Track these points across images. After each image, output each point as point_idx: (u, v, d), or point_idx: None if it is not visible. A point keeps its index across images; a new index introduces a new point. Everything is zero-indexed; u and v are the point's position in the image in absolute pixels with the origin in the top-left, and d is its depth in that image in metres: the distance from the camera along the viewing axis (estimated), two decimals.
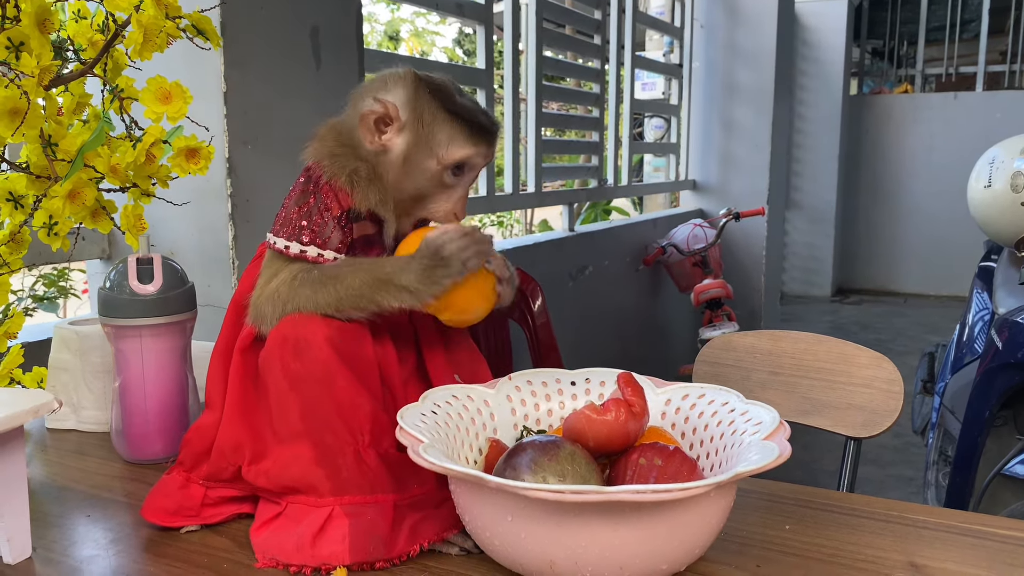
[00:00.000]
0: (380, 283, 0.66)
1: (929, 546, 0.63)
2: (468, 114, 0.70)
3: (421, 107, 0.70)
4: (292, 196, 0.71)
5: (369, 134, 0.69)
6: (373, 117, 0.69)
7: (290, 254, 0.68)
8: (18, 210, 0.86)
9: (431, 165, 0.70)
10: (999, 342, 1.61)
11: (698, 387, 0.71)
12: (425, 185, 0.71)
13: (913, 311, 5.73)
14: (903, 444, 3.14)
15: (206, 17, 0.85)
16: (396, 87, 0.70)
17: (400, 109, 0.69)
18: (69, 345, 0.94)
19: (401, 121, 0.69)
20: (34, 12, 0.76)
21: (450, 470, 0.54)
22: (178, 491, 0.69)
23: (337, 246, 0.69)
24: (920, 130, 6.09)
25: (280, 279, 0.68)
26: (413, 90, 0.70)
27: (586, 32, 3.25)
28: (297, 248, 0.68)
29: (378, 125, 0.69)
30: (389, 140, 0.70)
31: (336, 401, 0.65)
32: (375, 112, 0.69)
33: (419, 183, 0.71)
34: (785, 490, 0.74)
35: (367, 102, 0.69)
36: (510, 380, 0.74)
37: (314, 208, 0.69)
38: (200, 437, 0.71)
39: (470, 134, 0.70)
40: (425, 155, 0.70)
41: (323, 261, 0.69)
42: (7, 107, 0.75)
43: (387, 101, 0.69)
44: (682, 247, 3.39)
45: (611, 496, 0.49)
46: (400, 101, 0.69)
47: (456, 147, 0.70)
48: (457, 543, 0.64)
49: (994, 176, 2.09)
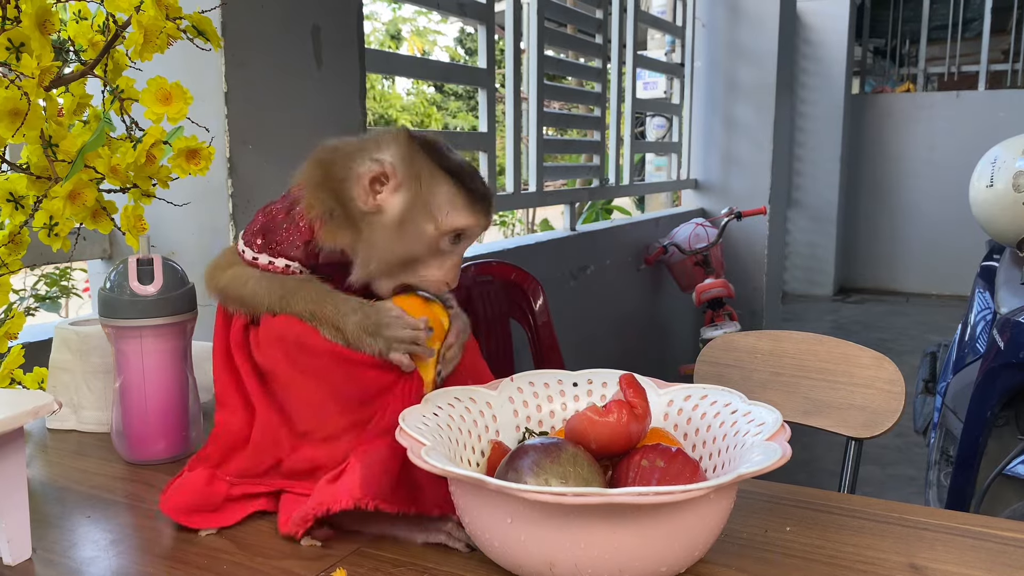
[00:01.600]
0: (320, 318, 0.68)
1: (930, 547, 0.63)
2: (463, 175, 0.69)
3: (419, 167, 0.68)
4: (271, 205, 0.72)
5: (364, 194, 0.67)
6: (369, 176, 0.67)
7: (246, 259, 0.72)
8: (18, 211, 0.86)
9: (428, 230, 0.68)
10: (1001, 342, 1.61)
11: (700, 388, 0.71)
12: (419, 250, 0.69)
13: (915, 310, 5.72)
14: (905, 444, 3.14)
15: (206, 18, 0.85)
16: (390, 145, 0.68)
17: (396, 167, 0.67)
18: (70, 345, 0.94)
19: (397, 180, 0.67)
20: (35, 13, 0.76)
21: (450, 472, 0.54)
22: (203, 488, 0.69)
23: (295, 259, 0.71)
24: (922, 129, 6.08)
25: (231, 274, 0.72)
26: (407, 148, 0.68)
27: (588, 31, 3.24)
28: (250, 255, 0.72)
29: (373, 185, 0.67)
30: (384, 200, 0.67)
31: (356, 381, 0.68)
32: (371, 172, 0.67)
33: (413, 248, 0.68)
34: (786, 491, 0.74)
35: (363, 163, 0.67)
36: (512, 381, 0.74)
37: (283, 223, 0.71)
38: (229, 433, 0.71)
39: (471, 201, 0.68)
40: (423, 218, 0.68)
41: (274, 270, 0.71)
42: (8, 108, 0.75)
43: (384, 160, 0.67)
44: (684, 246, 3.39)
45: (613, 499, 0.49)
46: (396, 159, 0.67)
47: (456, 214, 0.68)
48: (462, 539, 0.64)
49: (996, 176, 2.08)
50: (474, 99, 9.14)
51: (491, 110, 2.49)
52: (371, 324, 0.67)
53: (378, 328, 0.67)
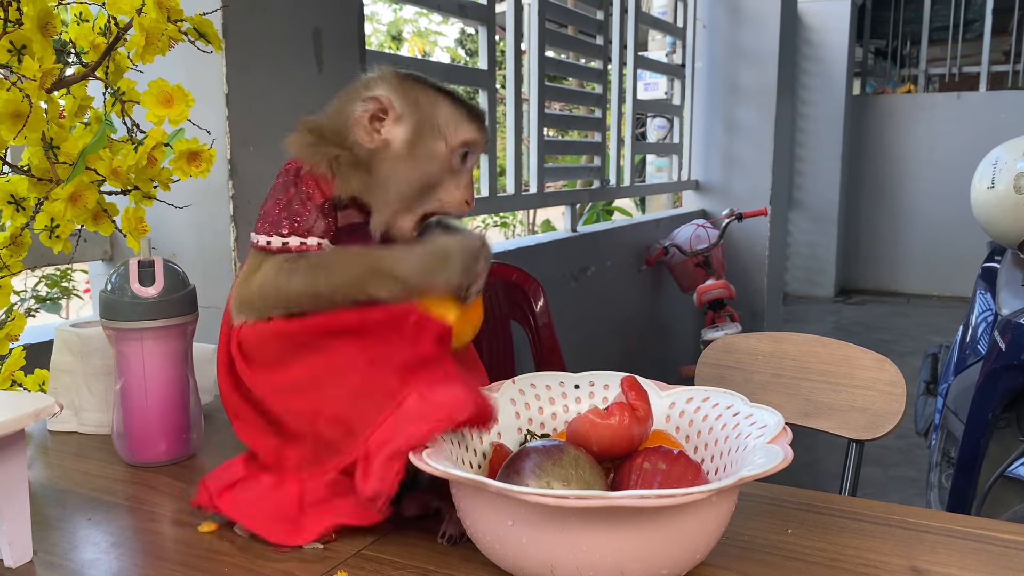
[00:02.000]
0: (374, 271, 0.65)
1: (931, 550, 0.63)
2: (460, 97, 0.70)
3: (415, 94, 0.69)
4: (272, 191, 0.70)
5: (366, 133, 0.68)
6: (367, 115, 0.68)
7: (273, 249, 0.68)
8: (20, 213, 0.86)
9: (440, 147, 0.69)
10: (1002, 344, 1.61)
11: (702, 390, 0.71)
12: (434, 171, 0.69)
13: (916, 312, 5.72)
14: (906, 445, 3.14)
15: (208, 20, 0.85)
16: (381, 83, 0.70)
17: (392, 99, 0.69)
18: (70, 347, 0.94)
19: (396, 111, 0.69)
20: (36, 15, 0.77)
21: (452, 475, 0.54)
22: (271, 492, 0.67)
23: (321, 233, 0.68)
24: (923, 130, 6.08)
25: (263, 272, 0.67)
26: (400, 81, 0.70)
27: (588, 32, 3.24)
28: (279, 242, 0.68)
29: (373, 123, 0.68)
30: (389, 133, 0.69)
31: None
32: (369, 110, 0.68)
33: (428, 169, 0.69)
34: (787, 494, 0.74)
35: (357, 104, 0.69)
36: (514, 383, 0.74)
37: (295, 198, 0.68)
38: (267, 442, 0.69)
39: (471, 116, 0.70)
40: (432, 138, 0.69)
41: (307, 249, 0.68)
42: (9, 110, 0.75)
43: (379, 95, 0.69)
44: (684, 247, 3.39)
45: (614, 501, 0.49)
46: (390, 92, 0.69)
47: (463, 128, 0.70)
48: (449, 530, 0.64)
49: (997, 177, 2.08)
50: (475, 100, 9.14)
51: (492, 111, 2.49)
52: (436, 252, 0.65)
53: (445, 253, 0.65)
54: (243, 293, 0.68)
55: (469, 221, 6.26)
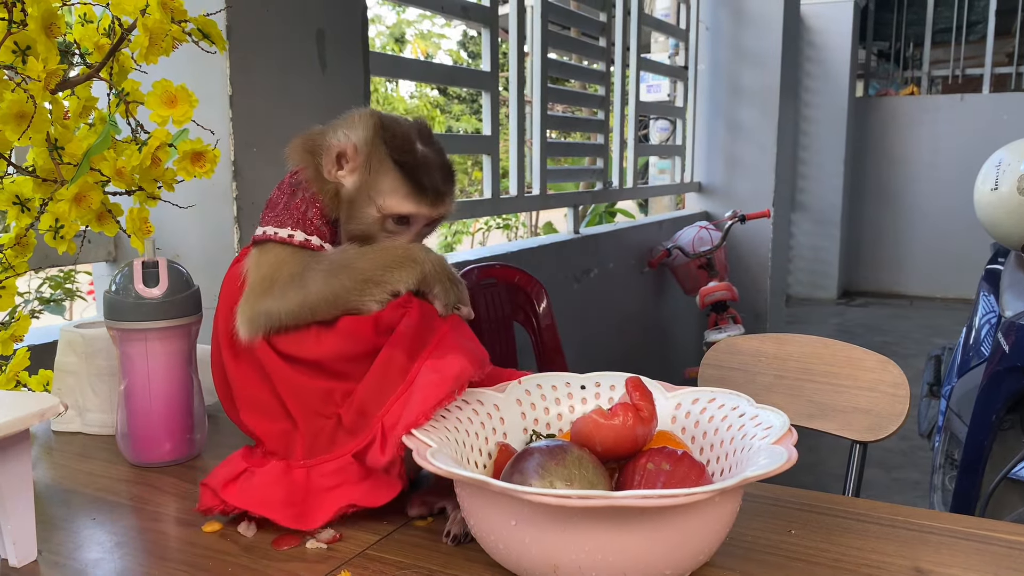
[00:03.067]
0: (395, 259, 0.70)
1: (935, 551, 0.63)
2: (417, 170, 0.72)
3: (373, 153, 0.72)
4: (284, 193, 0.73)
5: (329, 165, 0.73)
6: (336, 151, 0.72)
7: (295, 242, 0.71)
8: (24, 213, 0.86)
9: (371, 212, 0.72)
10: (1006, 345, 1.61)
11: (708, 391, 0.71)
12: (368, 228, 0.73)
13: (919, 314, 5.71)
14: (910, 447, 3.13)
15: (212, 21, 0.86)
16: (359, 126, 0.73)
17: (358, 149, 0.72)
18: (75, 348, 0.94)
19: (355, 162, 0.72)
20: (41, 16, 0.77)
21: (454, 474, 0.54)
22: (282, 478, 0.68)
23: (323, 234, 0.73)
24: (926, 132, 6.08)
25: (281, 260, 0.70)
26: (371, 134, 0.72)
27: (591, 34, 3.25)
28: (301, 236, 0.71)
29: (339, 160, 0.72)
30: (343, 177, 0.73)
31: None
32: (339, 146, 0.72)
33: (362, 226, 0.73)
34: (790, 495, 0.74)
35: (337, 134, 0.73)
36: (520, 384, 0.74)
37: (296, 198, 0.73)
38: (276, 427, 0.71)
39: (412, 191, 0.72)
40: (365, 202, 0.72)
41: (310, 247, 0.71)
42: (14, 111, 0.75)
43: (351, 139, 0.72)
44: (687, 249, 3.39)
45: (616, 501, 0.49)
46: (359, 141, 0.72)
47: (395, 200, 0.72)
48: (453, 530, 0.65)
49: (1001, 179, 2.08)
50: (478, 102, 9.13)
51: (495, 113, 2.49)
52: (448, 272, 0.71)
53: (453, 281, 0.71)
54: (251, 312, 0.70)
55: (472, 223, 6.27)
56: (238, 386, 0.72)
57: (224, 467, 0.71)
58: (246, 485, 0.68)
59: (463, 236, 6.42)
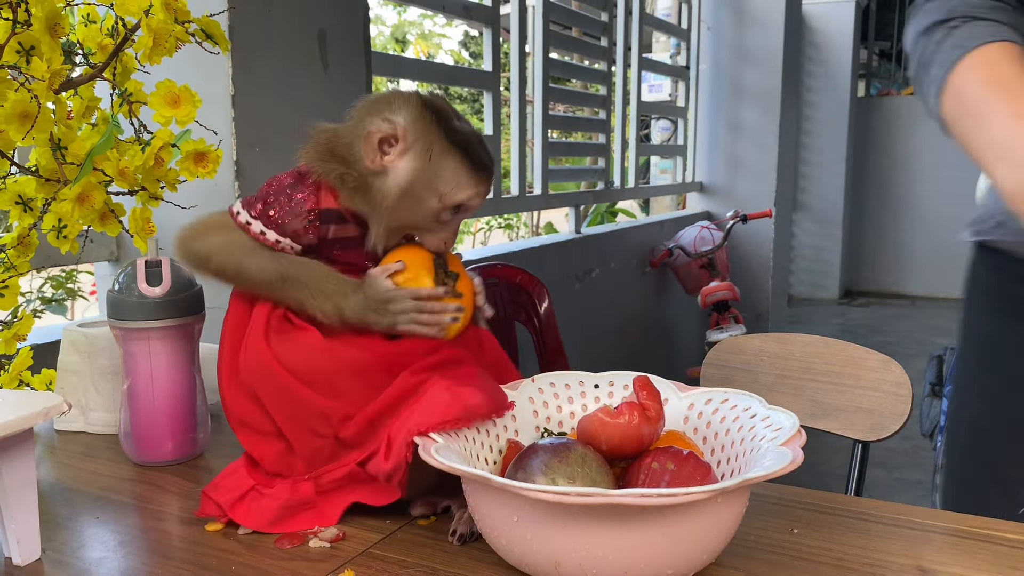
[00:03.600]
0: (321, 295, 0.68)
1: (937, 550, 0.63)
2: (471, 148, 0.69)
3: (430, 136, 0.68)
4: (274, 181, 0.71)
5: (372, 153, 0.68)
6: (379, 136, 0.67)
7: (238, 222, 0.70)
8: (27, 213, 0.87)
9: (432, 203, 0.69)
10: None
11: (721, 392, 0.70)
12: (421, 220, 0.70)
13: (921, 313, 5.71)
14: (912, 447, 3.13)
15: (215, 21, 0.86)
16: (402, 108, 0.68)
17: (407, 131, 0.68)
18: (78, 347, 0.95)
19: (406, 144, 0.68)
20: (45, 16, 0.77)
21: (457, 470, 0.54)
22: (291, 495, 0.68)
23: (292, 235, 0.70)
24: (928, 132, 6.06)
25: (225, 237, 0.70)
26: (419, 113, 0.68)
27: (593, 34, 3.25)
28: (245, 217, 0.70)
29: (382, 145, 0.68)
30: (391, 163, 0.68)
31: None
32: (381, 131, 0.67)
33: (415, 216, 0.69)
34: (792, 494, 0.74)
35: (374, 120, 0.68)
36: (533, 382, 0.74)
37: (283, 193, 0.70)
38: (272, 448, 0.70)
39: (474, 171, 0.69)
40: (428, 191, 0.68)
41: (263, 241, 0.69)
42: (18, 111, 0.76)
43: (396, 121, 0.68)
44: (689, 249, 3.39)
45: (615, 499, 0.49)
46: (407, 122, 0.68)
47: (461, 188, 0.69)
48: (459, 529, 0.65)
49: None
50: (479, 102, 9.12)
51: (496, 113, 2.49)
52: (377, 299, 0.67)
53: (385, 303, 0.68)
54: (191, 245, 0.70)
55: (473, 223, 6.26)
56: (233, 407, 0.72)
57: (227, 477, 0.71)
58: (255, 506, 0.68)
59: (464, 236, 6.43)
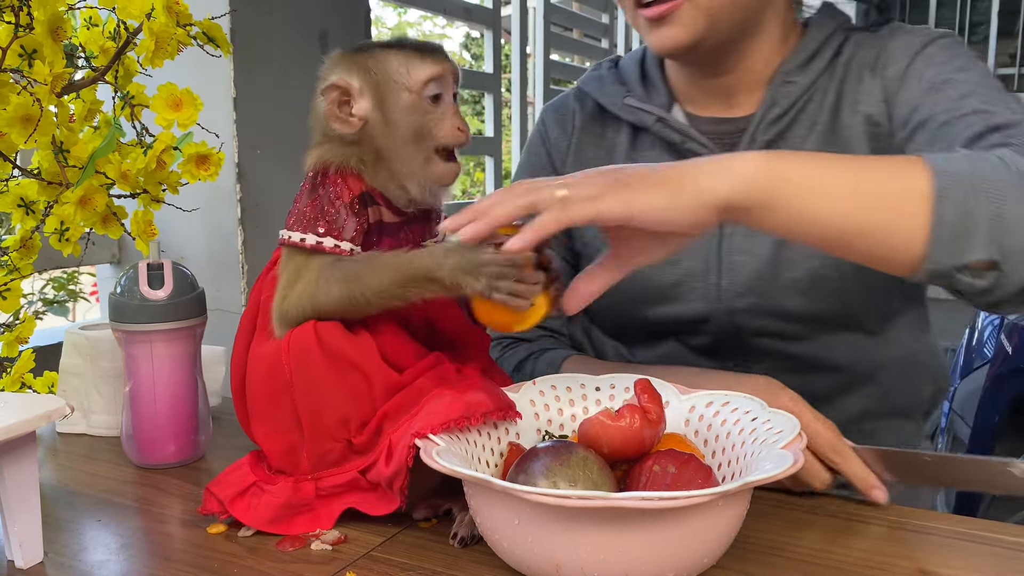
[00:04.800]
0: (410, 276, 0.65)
1: (939, 553, 0.63)
2: (403, 41, 0.71)
3: (363, 61, 0.70)
4: (302, 193, 0.71)
5: (340, 122, 0.69)
6: (334, 104, 0.69)
7: (307, 246, 0.68)
8: (30, 216, 0.87)
9: (405, 98, 0.69)
10: (1009, 347, 1.61)
11: (723, 395, 0.70)
12: (414, 120, 0.70)
13: None
14: None
15: (216, 24, 0.86)
16: (333, 69, 0.71)
17: (348, 79, 0.70)
18: (80, 350, 0.95)
19: (356, 87, 0.70)
20: (47, 20, 0.77)
21: (459, 472, 0.54)
22: (292, 494, 0.68)
23: (352, 235, 0.69)
24: None
25: (305, 284, 0.68)
26: (347, 57, 0.71)
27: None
28: (313, 239, 0.68)
29: (343, 109, 0.70)
30: (359, 110, 0.70)
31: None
32: (332, 98, 0.69)
33: (409, 120, 0.70)
34: (793, 496, 0.74)
35: (318, 102, 0.71)
36: (534, 384, 0.74)
37: (324, 199, 0.69)
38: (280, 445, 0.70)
39: (417, 53, 0.70)
40: (394, 92, 0.69)
41: (340, 252, 0.68)
42: (20, 114, 0.76)
43: (333, 80, 0.70)
44: None
45: (615, 502, 0.49)
46: (341, 73, 0.70)
47: (416, 69, 0.70)
48: (461, 532, 0.65)
49: None
50: (480, 103, 9.13)
51: (497, 114, 2.49)
52: (468, 263, 0.63)
53: (477, 266, 0.63)
54: (284, 308, 0.69)
55: None
56: (253, 396, 0.71)
57: (231, 474, 0.71)
58: (255, 502, 0.68)
59: None
